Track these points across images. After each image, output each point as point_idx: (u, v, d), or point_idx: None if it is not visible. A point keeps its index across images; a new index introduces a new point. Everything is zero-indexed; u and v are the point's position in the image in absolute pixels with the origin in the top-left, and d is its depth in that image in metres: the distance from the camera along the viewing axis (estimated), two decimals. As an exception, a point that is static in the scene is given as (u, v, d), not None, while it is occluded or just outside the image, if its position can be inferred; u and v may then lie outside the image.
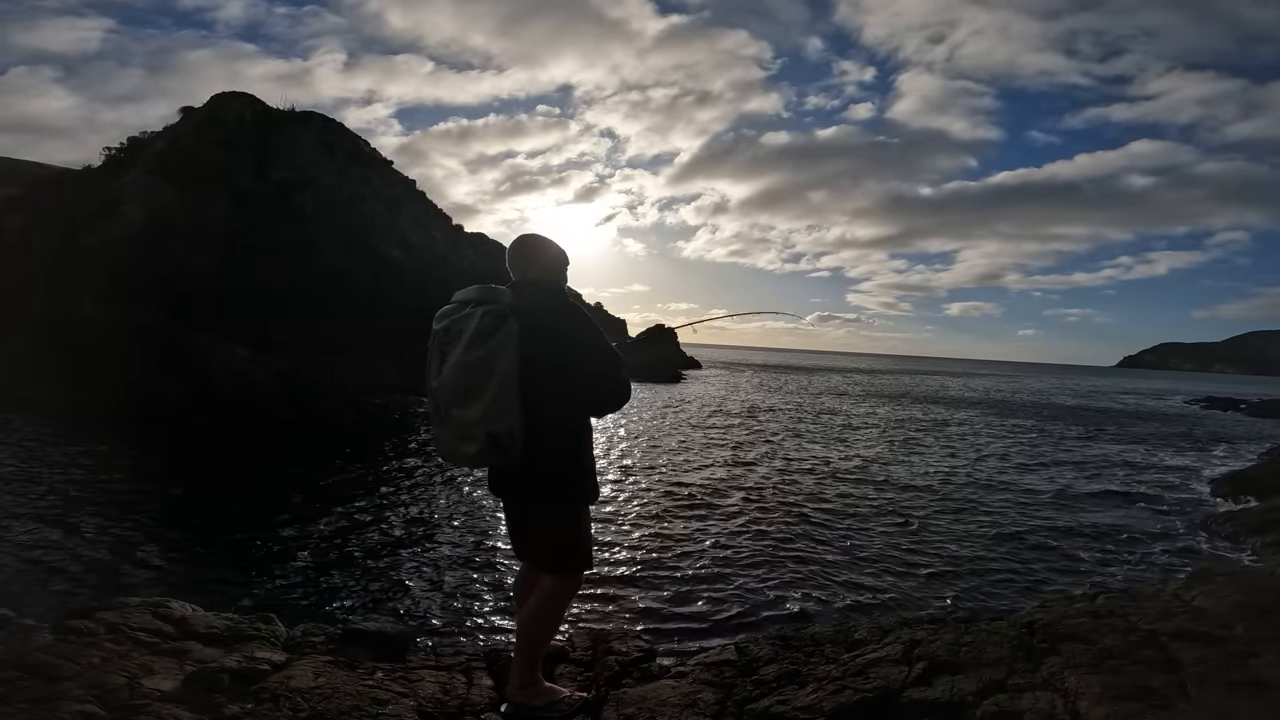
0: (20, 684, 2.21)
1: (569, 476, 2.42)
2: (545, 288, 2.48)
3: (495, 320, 2.26)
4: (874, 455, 14.18)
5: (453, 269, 24.94)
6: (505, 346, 2.24)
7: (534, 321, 2.31)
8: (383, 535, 7.19)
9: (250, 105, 23.01)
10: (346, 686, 2.52)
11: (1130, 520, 9.15)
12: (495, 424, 2.22)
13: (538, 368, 2.28)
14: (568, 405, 2.38)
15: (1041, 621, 2.76)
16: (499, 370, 2.22)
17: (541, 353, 2.28)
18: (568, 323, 2.37)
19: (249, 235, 20.04)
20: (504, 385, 2.22)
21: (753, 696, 2.57)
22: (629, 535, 7.41)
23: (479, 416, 2.22)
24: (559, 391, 2.32)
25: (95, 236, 19.01)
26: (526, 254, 2.55)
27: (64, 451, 10.27)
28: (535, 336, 2.29)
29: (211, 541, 6.70)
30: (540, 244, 2.58)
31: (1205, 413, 34.48)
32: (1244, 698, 2.13)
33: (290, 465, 10.73)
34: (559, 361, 2.30)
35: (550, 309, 2.38)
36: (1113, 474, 13.11)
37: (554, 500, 2.44)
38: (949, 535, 7.99)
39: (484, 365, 2.22)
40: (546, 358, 2.28)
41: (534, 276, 2.52)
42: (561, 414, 2.37)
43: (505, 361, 2.23)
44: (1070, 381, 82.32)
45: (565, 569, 2.53)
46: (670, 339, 52.68)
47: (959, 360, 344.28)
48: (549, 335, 2.31)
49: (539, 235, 2.62)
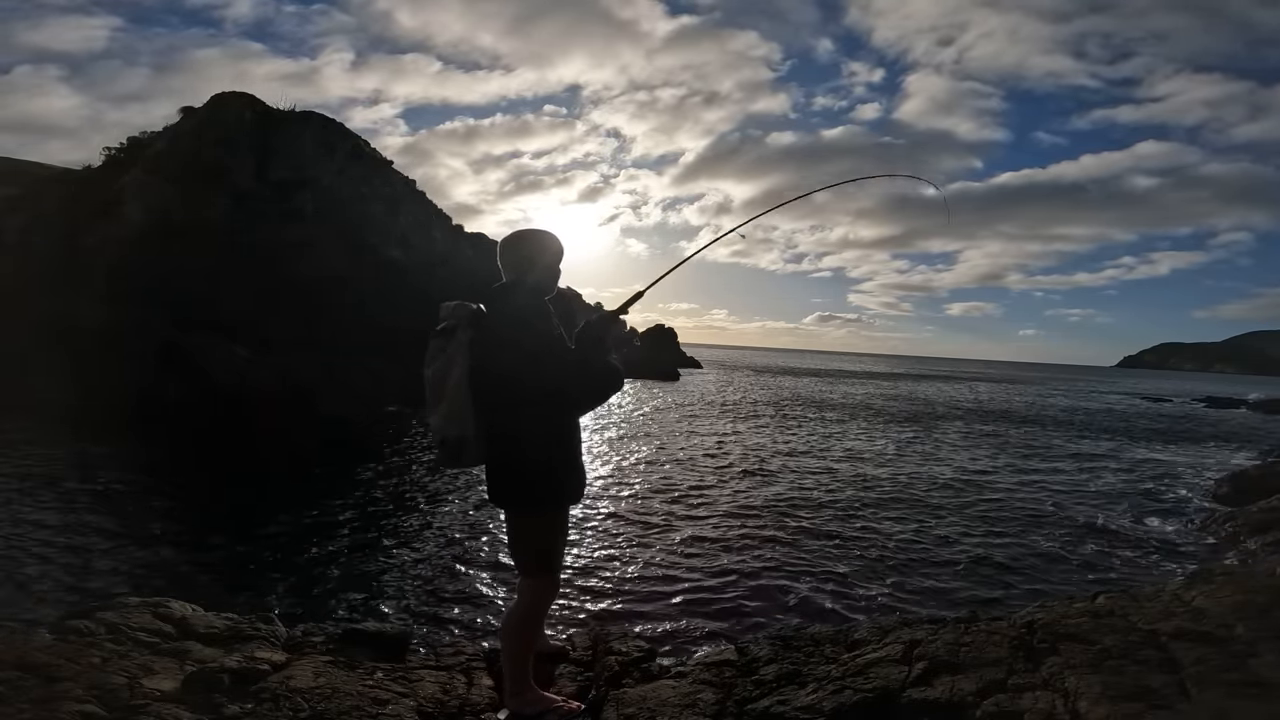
0: (20, 684, 2.21)
1: (535, 478, 2.44)
2: (525, 287, 2.50)
3: (444, 338, 2.43)
4: (872, 457, 14.18)
5: (452, 269, 24.94)
6: (455, 358, 2.40)
7: (492, 329, 2.41)
8: (383, 535, 7.19)
9: (250, 105, 22.99)
10: (346, 686, 2.52)
11: (1130, 520, 9.15)
12: (448, 430, 2.40)
13: (490, 375, 2.38)
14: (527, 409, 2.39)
15: (1041, 621, 2.76)
16: (450, 381, 2.39)
17: (492, 361, 2.38)
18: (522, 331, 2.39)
19: (249, 235, 20.02)
20: (454, 394, 2.39)
21: (753, 696, 2.57)
22: (628, 535, 7.40)
23: (438, 424, 2.43)
24: (514, 397, 2.38)
25: (95, 236, 19.01)
26: (502, 253, 2.59)
27: (63, 452, 10.26)
28: (489, 345, 2.39)
29: (211, 541, 6.70)
30: (515, 241, 2.58)
31: (1206, 412, 34.47)
32: (1244, 698, 2.13)
33: (290, 465, 10.73)
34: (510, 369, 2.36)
35: (508, 315, 2.43)
36: (1112, 474, 13.11)
37: (521, 501, 2.50)
38: (949, 535, 7.98)
39: (438, 378, 2.42)
40: (497, 366, 2.37)
41: (511, 276, 2.54)
42: (520, 418, 2.39)
43: (455, 373, 2.39)
44: (1069, 383, 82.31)
45: (534, 571, 2.56)
46: (670, 339, 52.71)
47: (959, 360, 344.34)
48: (504, 343, 2.38)
49: (520, 232, 2.61)
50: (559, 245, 2.59)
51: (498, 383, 2.37)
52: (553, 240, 2.59)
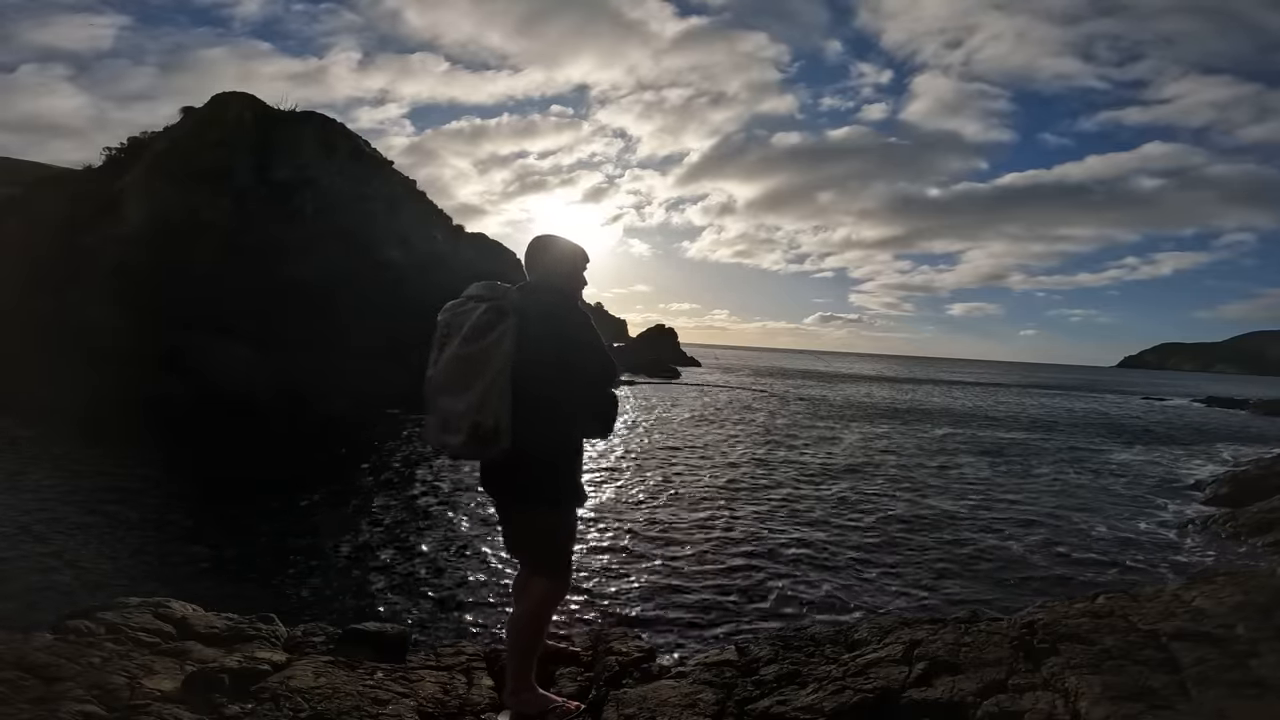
0: (20, 684, 2.21)
1: (556, 475, 2.44)
2: (551, 287, 2.51)
3: (494, 316, 2.30)
4: (872, 458, 14.17)
5: (452, 269, 24.92)
6: (501, 342, 2.28)
7: (533, 320, 2.35)
8: (383, 536, 7.19)
9: (250, 105, 22.98)
10: (346, 686, 2.52)
11: (1130, 521, 9.15)
12: (481, 416, 2.26)
13: (532, 366, 2.31)
14: (559, 405, 2.39)
15: (1041, 621, 2.76)
16: (493, 365, 2.27)
17: (537, 352, 2.32)
18: (565, 324, 2.39)
19: (249, 235, 20.01)
20: (495, 380, 2.26)
21: (753, 696, 2.57)
22: (628, 535, 7.40)
23: (466, 408, 2.26)
24: (551, 391, 2.35)
25: (95, 237, 19.00)
26: (532, 255, 2.59)
27: (62, 452, 10.25)
28: (532, 335, 2.33)
29: (211, 541, 6.70)
30: (544, 245, 2.59)
31: (1206, 413, 34.46)
32: (1244, 698, 2.12)
33: (290, 465, 10.73)
34: (553, 360, 2.33)
35: (549, 309, 2.41)
36: (1112, 474, 13.10)
37: (540, 498, 2.47)
38: (949, 536, 7.98)
39: (478, 359, 2.27)
40: (541, 357, 2.32)
41: (539, 277, 2.55)
42: (553, 413, 2.38)
43: (499, 357, 2.27)
44: (1069, 383, 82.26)
45: (549, 570, 2.55)
46: (670, 338, 52.74)
47: (959, 361, 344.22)
48: (546, 335, 2.34)
49: (549, 236, 2.62)
50: (578, 250, 2.61)
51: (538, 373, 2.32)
52: (576, 248, 2.61)
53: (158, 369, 15.72)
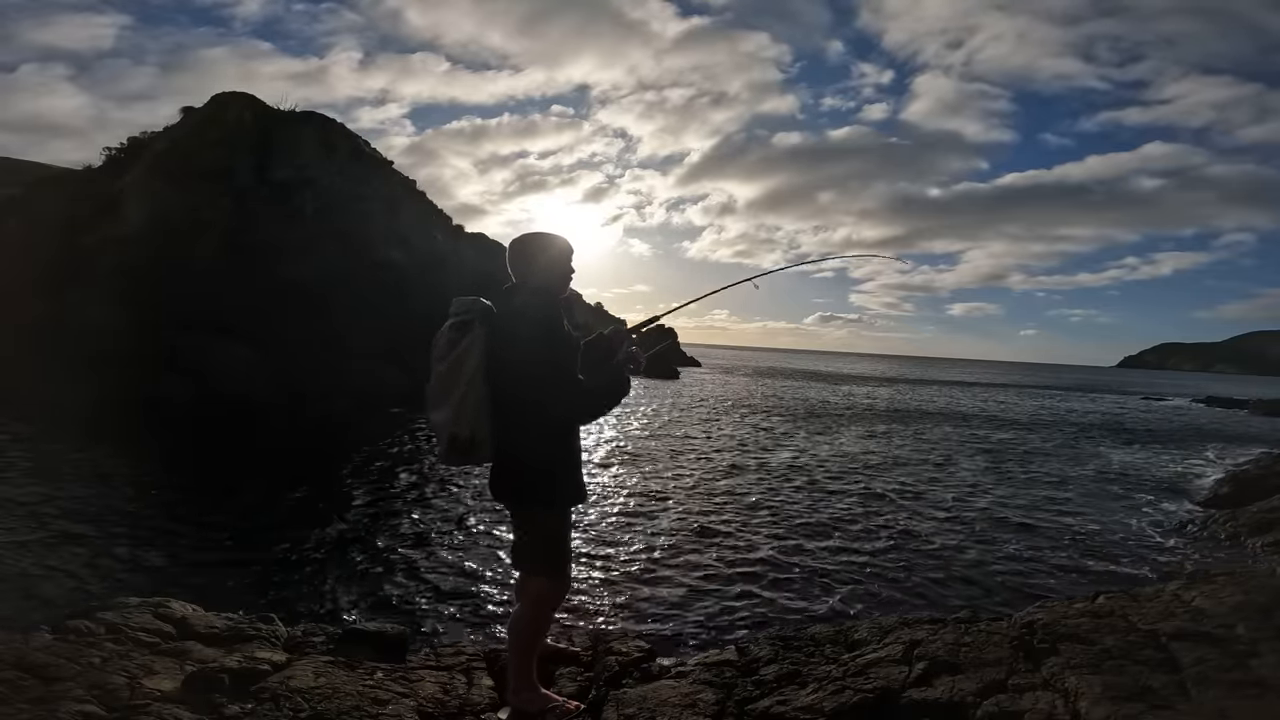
0: (20, 684, 2.21)
1: (549, 476, 2.45)
2: (530, 288, 2.50)
3: (457, 332, 2.39)
4: (870, 460, 14.17)
5: (452, 270, 24.91)
6: (468, 355, 2.36)
7: (502, 327, 2.40)
8: (382, 535, 7.19)
9: (250, 105, 22.97)
10: (346, 686, 2.52)
11: (1130, 521, 9.15)
12: (458, 428, 2.34)
13: (517, 368, 2.35)
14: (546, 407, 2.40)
15: (1041, 621, 2.76)
16: (463, 377, 2.35)
17: (505, 354, 2.37)
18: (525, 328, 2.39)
19: (249, 235, 20.00)
20: (467, 391, 2.34)
21: (753, 696, 2.57)
22: (627, 535, 7.40)
23: (444, 420, 2.36)
24: (538, 394, 2.37)
25: (95, 236, 18.99)
26: (511, 257, 2.59)
27: (63, 452, 10.25)
28: (501, 340, 2.38)
29: (212, 542, 6.70)
30: (524, 244, 2.58)
31: (1206, 413, 34.46)
32: (1244, 698, 2.13)
33: (290, 465, 10.73)
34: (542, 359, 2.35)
35: (516, 314, 2.42)
36: (1112, 475, 13.10)
37: (535, 499, 2.49)
38: (949, 536, 7.98)
39: (451, 373, 2.36)
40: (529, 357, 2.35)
41: (520, 278, 2.55)
42: (536, 416, 2.39)
43: (469, 369, 2.35)
44: (1069, 383, 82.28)
45: (546, 570, 2.56)
46: (670, 338, 52.73)
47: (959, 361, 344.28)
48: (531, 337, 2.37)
49: (529, 235, 2.60)
50: (562, 245, 2.58)
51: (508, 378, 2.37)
52: (554, 241, 2.58)
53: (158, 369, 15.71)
